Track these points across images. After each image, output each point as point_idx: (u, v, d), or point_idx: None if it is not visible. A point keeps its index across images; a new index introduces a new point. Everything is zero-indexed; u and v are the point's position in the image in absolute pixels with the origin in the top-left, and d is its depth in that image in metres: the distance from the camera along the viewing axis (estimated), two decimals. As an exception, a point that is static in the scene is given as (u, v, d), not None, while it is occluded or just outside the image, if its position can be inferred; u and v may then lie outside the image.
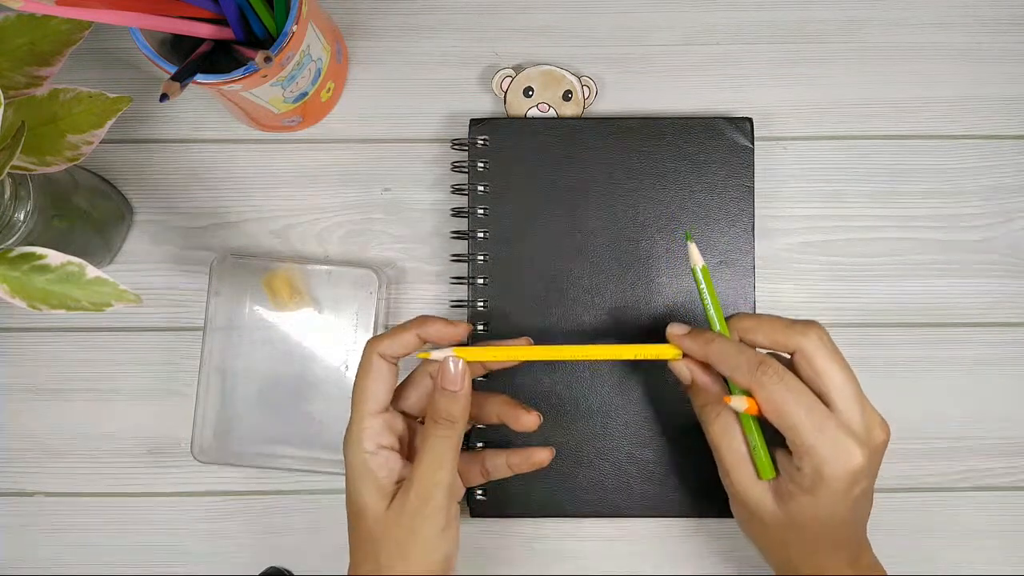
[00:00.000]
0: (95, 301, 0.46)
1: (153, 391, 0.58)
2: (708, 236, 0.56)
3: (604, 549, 0.58)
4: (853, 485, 0.44)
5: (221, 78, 0.47)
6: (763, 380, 0.44)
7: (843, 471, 0.44)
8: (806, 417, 0.44)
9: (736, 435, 0.47)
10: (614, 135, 0.57)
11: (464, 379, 0.46)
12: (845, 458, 0.44)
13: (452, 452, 0.46)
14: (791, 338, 0.45)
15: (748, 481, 0.47)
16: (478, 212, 0.57)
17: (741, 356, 0.46)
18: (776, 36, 0.60)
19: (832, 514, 0.45)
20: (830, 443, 0.44)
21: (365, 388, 0.47)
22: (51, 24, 0.49)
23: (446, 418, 0.46)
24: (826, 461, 0.44)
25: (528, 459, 0.51)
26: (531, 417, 0.50)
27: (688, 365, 0.48)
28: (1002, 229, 0.59)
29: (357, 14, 0.60)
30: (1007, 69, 0.59)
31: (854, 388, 0.45)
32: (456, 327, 0.48)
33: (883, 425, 0.46)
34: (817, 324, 0.46)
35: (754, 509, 0.47)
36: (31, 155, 0.48)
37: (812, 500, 0.45)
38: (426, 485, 0.46)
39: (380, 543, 0.46)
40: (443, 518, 0.46)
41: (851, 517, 0.46)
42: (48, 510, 0.58)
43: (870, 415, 0.45)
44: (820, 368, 0.45)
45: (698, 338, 0.47)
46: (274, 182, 0.59)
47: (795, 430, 0.44)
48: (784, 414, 0.44)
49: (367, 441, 0.46)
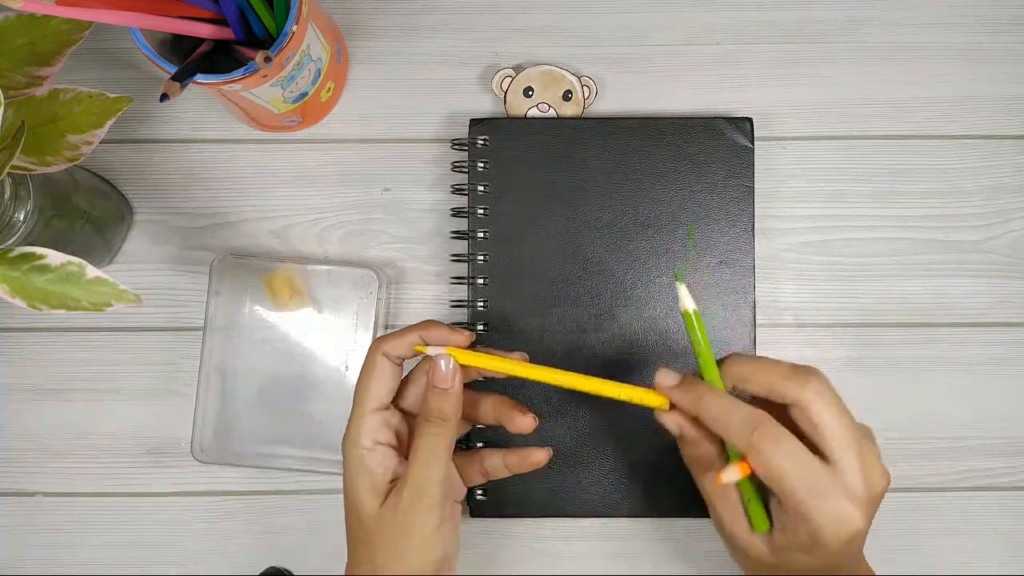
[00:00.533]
0: (95, 301, 0.46)
1: (153, 391, 0.58)
2: (708, 236, 0.56)
3: (604, 549, 0.58)
4: (850, 544, 0.43)
5: (221, 78, 0.47)
6: (759, 445, 0.42)
7: (843, 535, 0.42)
8: (804, 483, 0.42)
9: (729, 488, 0.46)
10: (614, 135, 0.57)
11: (455, 378, 0.47)
12: (844, 523, 0.42)
13: (444, 450, 0.46)
14: (788, 389, 0.43)
15: (742, 532, 0.45)
16: (478, 212, 0.57)
17: (735, 415, 0.43)
18: (776, 36, 0.60)
19: (828, 566, 0.44)
20: (827, 509, 0.42)
21: (367, 386, 0.47)
22: (51, 24, 0.49)
23: (438, 416, 0.46)
24: (823, 528, 0.42)
25: (525, 459, 0.51)
26: (526, 419, 0.49)
27: (676, 420, 0.46)
28: (1001, 229, 0.59)
29: (357, 14, 0.60)
30: (1007, 69, 0.59)
31: (854, 440, 0.43)
32: (459, 334, 0.48)
33: (884, 475, 0.44)
34: (816, 373, 0.44)
35: (750, 555, 0.46)
36: (31, 155, 0.48)
37: (807, 558, 0.43)
38: (419, 482, 0.46)
39: (376, 541, 0.46)
40: (437, 516, 0.46)
41: (847, 564, 0.45)
42: (48, 510, 0.58)
43: (870, 467, 0.43)
44: (818, 421, 0.42)
45: (689, 392, 0.45)
46: (274, 182, 0.59)
47: (792, 497, 0.42)
48: (780, 481, 0.42)
49: (364, 437, 0.47)
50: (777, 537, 0.44)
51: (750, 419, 0.43)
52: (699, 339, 0.45)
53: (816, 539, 0.42)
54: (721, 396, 0.44)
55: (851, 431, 0.43)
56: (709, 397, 0.44)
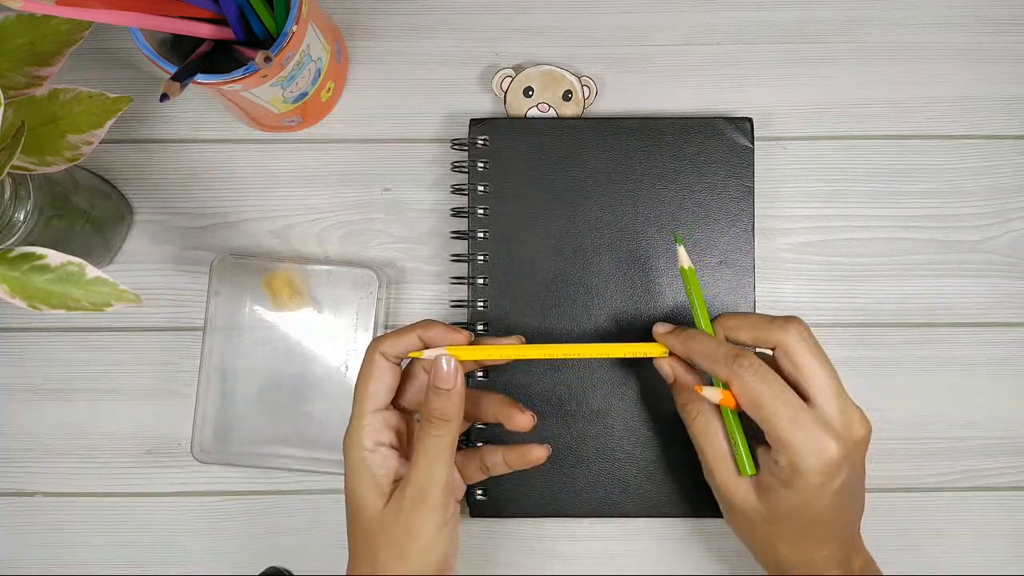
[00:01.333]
0: (95, 301, 0.46)
1: (153, 391, 0.58)
2: (708, 236, 0.56)
3: (604, 549, 0.58)
4: (830, 478, 0.45)
5: (221, 78, 0.47)
6: (739, 372, 0.45)
7: (818, 463, 0.44)
8: (781, 409, 0.44)
9: (717, 432, 0.48)
10: (614, 135, 0.57)
11: (457, 377, 0.47)
12: (820, 451, 0.44)
13: (448, 450, 0.46)
14: (772, 333, 0.46)
15: (730, 478, 0.48)
16: (478, 212, 0.57)
17: (719, 350, 0.47)
18: (776, 36, 0.60)
19: (812, 506, 0.45)
20: (804, 435, 0.44)
21: (366, 387, 0.47)
22: (51, 24, 0.49)
23: (440, 417, 0.46)
24: (800, 453, 0.44)
25: (524, 456, 0.51)
26: (525, 417, 0.50)
27: (671, 363, 0.50)
28: (1001, 229, 0.59)
29: (357, 14, 0.60)
30: (1007, 69, 0.59)
31: (833, 382, 0.46)
32: (458, 333, 0.48)
33: (863, 421, 0.46)
34: (798, 319, 0.47)
35: (738, 505, 0.48)
36: (31, 155, 0.48)
37: (791, 493, 0.45)
38: (422, 483, 0.46)
39: (378, 542, 0.46)
40: (440, 516, 0.46)
41: (833, 512, 0.46)
42: (48, 510, 0.58)
43: (849, 410, 0.46)
44: (799, 362, 0.46)
45: (680, 335, 0.49)
46: (274, 182, 0.59)
47: (770, 422, 0.44)
48: (759, 406, 0.45)
49: (366, 439, 0.47)
50: (762, 477, 0.47)
51: (732, 351, 0.46)
52: (693, 293, 0.49)
53: (795, 467, 0.44)
54: (708, 337, 0.48)
55: (830, 375, 0.46)
56: (698, 338, 0.48)
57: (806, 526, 0.46)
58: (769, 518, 0.47)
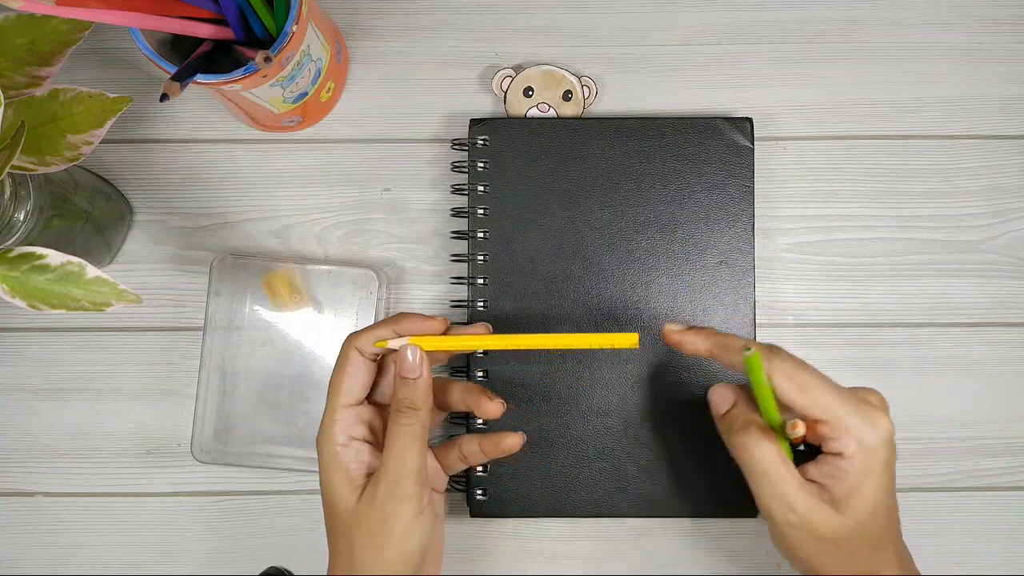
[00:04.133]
0: (95, 301, 0.46)
1: (153, 391, 0.58)
2: (708, 236, 0.56)
3: (604, 549, 0.58)
4: (892, 450, 0.45)
5: (221, 78, 0.47)
6: (777, 363, 0.44)
7: (879, 438, 0.44)
8: (831, 390, 0.44)
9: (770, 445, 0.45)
10: (614, 135, 0.57)
11: (422, 367, 0.47)
12: (875, 425, 0.44)
13: (419, 439, 0.46)
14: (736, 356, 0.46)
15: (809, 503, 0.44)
16: (478, 212, 0.57)
17: (745, 341, 0.46)
18: (776, 36, 0.60)
19: (888, 490, 0.45)
20: (859, 413, 0.44)
21: (340, 382, 0.47)
22: (51, 24, 0.49)
23: (408, 406, 0.46)
24: (860, 429, 0.43)
25: (498, 444, 0.51)
26: (493, 405, 0.49)
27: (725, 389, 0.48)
28: (1001, 229, 0.59)
29: (357, 14, 0.60)
30: (1007, 69, 0.59)
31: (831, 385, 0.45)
32: (432, 320, 0.48)
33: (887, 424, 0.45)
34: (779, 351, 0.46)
35: (825, 532, 0.45)
36: (31, 155, 0.48)
37: (870, 480, 0.44)
38: (394, 474, 0.46)
39: (354, 535, 0.46)
40: (415, 505, 0.46)
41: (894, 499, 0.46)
42: (48, 510, 0.58)
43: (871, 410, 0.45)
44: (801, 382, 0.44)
45: (700, 332, 0.48)
46: (274, 182, 0.59)
47: (823, 406, 0.43)
48: (806, 390, 0.43)
49: (339, 434, 0.47)
50: (833, 487, 0.45)
51: (766, 344, 0.45)
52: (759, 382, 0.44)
53: (862, 444, 0.43)
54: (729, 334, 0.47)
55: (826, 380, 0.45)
56: (723, 333, 0.47)
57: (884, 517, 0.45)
58: (856, 528, 0.44)
